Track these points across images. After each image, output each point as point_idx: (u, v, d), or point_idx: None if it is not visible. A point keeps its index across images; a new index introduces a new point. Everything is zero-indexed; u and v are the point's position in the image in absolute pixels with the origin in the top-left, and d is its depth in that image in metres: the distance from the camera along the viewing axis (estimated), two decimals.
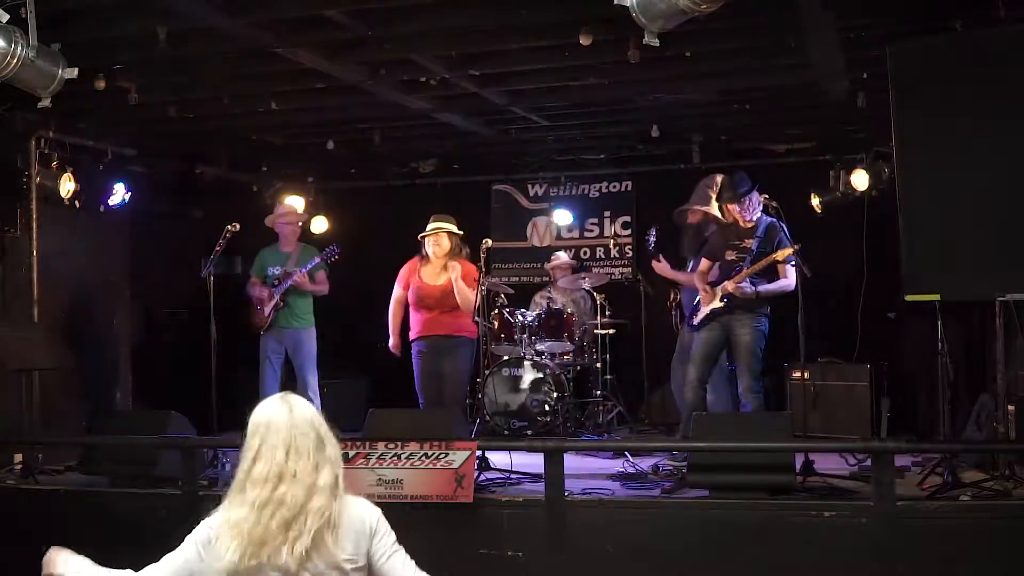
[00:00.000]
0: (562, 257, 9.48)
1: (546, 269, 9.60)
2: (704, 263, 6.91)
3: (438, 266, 7.29)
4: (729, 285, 6.43)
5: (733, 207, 6.66)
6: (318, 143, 8.94)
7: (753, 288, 6.42)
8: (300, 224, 8.36)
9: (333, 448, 2.77)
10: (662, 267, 7.81)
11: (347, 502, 2.78)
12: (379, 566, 2.79)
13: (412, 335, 7.39)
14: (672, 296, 8.27)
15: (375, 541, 2.80)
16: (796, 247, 6.30)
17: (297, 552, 2.65)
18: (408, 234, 7.51)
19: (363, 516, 2.80)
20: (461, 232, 7.40)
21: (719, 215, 7.34)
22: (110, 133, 8.07)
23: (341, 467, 2.78)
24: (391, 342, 7.50)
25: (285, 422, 2.73)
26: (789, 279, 6.44)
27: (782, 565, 5.12)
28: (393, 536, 2.85)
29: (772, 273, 6.50)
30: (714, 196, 7.49)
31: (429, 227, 7.31)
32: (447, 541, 5.51)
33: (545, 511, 5.45)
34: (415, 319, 7.36)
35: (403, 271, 7.48)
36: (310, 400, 7.96)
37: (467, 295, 7.10)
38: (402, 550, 2.86)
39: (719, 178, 7.53)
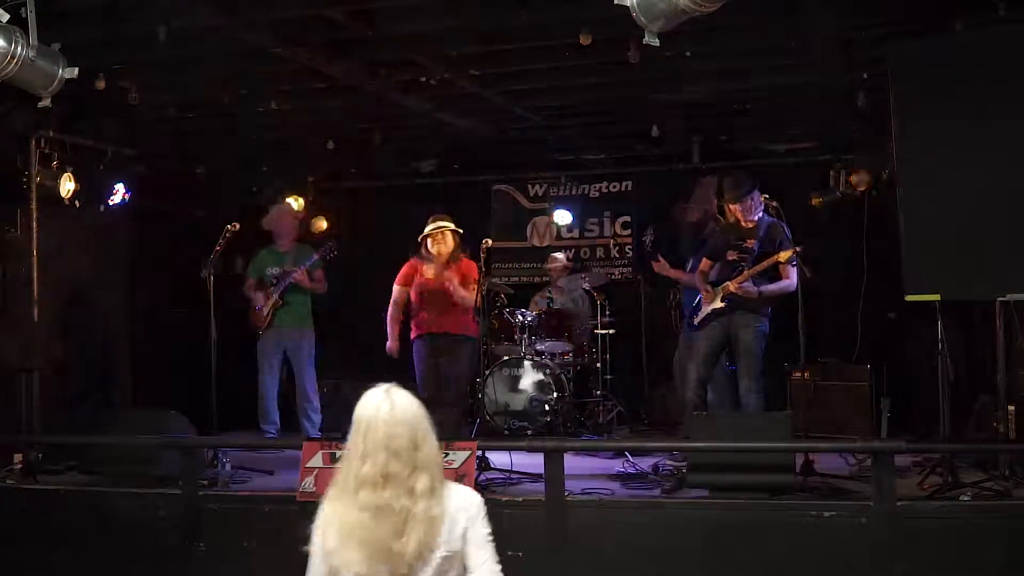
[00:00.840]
0: (559, 258, 9.47)
1: (543, 269, 9.60)
2: (705, 263, 6.90)
3: (438, 264, 7.28)
4: (732, 285, 6.43)
5: (735, 207, 6.65)
6: (318, 143, 8.94)
7: (756, 288, 6.42)
8: (297, 224, 8.36)
9: (429, 449, 2.77)
10: (662, 266, 7.81)
11: (448, 495, 2.81)
12: (466, 557, 2.82)
13: (414, 333, 7.37)
14: (672, 296, 8.27)
15: (468, 532, 2.82)
16: (797, 248, 6.30)
17: (407, 557, 2.68)
18: (408, 234, 7.49)
19: (460, 508, 2.82)
20: (461, 231, 7.40)
21: (720, 215, 7.34)
22: (110, 133, 8.07)
23: (440, 466, 2.80)
24: (389, 344, 7.45)
25: (384, 421, 2.72)
26: (791, 279, 6.44)
27: (782, 565, 5.12)
28: (486, 530, 2.87)
29: (774, 273, 6.50)
30: (714, 195, 7.49)
31: (432, 226, 7.29)
32: None
33: (545, 511, 5.44)
34: (418, 317, 7.35)
35: (404, 270, 7.46)
36: (309, 399, 8.05)
37: (465, 296, 7.12)
38: (491, 547, 2.88)
39: (719, 178, 7.54)
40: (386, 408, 2.73)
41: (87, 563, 5.82)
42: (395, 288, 7.49)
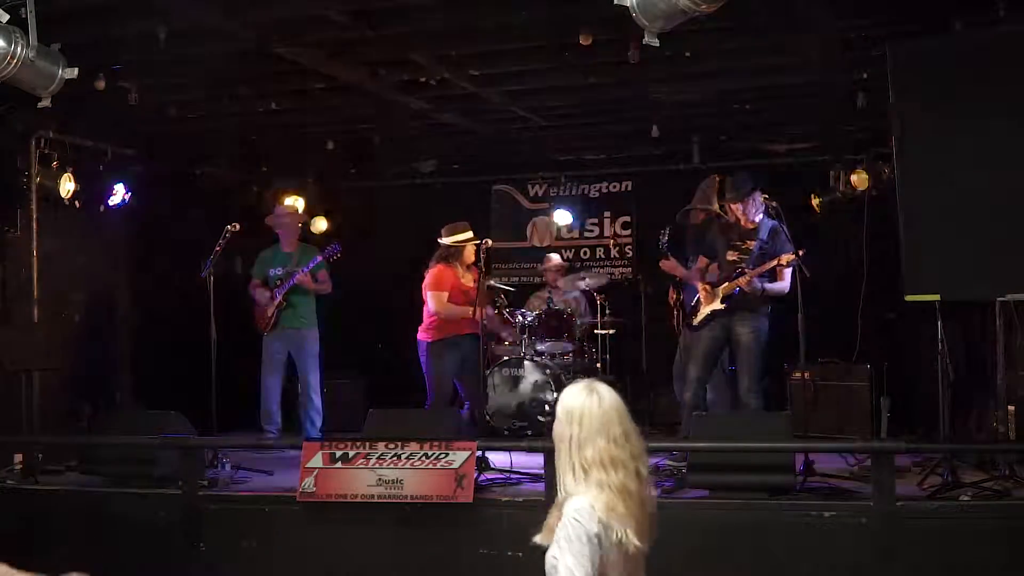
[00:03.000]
0: (554, 259, 9.45)
1: (539, 270, 9.58)
2: (701, 261, 6.91)
3: (466, 269, 7.33)
4: (741, 281, 6.42)
5: (736, 207, 6.65)
6: (318, 143, 8.93)
7: (761, 285, 6.43)
8: (300, 224, 8.36)
9: (638, 437, 2.93)
10: (671, 264, 7.81)
11: None
12: None
13: (440, 335, 7.22)
14: (676, 296, 8.26)
15: None
16: (800, 252, 6.28)
17: (650, 535, 2.90)
18: (408, 234, 7.48)
19: None
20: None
21: (722, 214, 7.34)
22: (110, 133, 8.07)
23: (646, 454, 2.95)
24: (477, 313, 7.16)
25: (597, 410, 2.88)
26: (785, 282, 6.47)
27: (782, 565, 5.12)
28: None
29: (771, 275, 6.51)
30: (715, 195, 7.49)
31: (466, 235, 7.22)
32: (447, 541, 5.52)
33: (545, 511, 5.43)
34: (451, 321, 7.24)
35: (443, 277, 7.31)
36: (310, 399, 8.04)
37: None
38: None
39: (720, 178, 7.54)
40: (595, 400, 2.90)
41: (87, 563, 5.81)
42: (444, 294, 7.29)
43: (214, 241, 7.19)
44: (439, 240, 7.42)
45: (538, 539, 2.94)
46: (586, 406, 2.89)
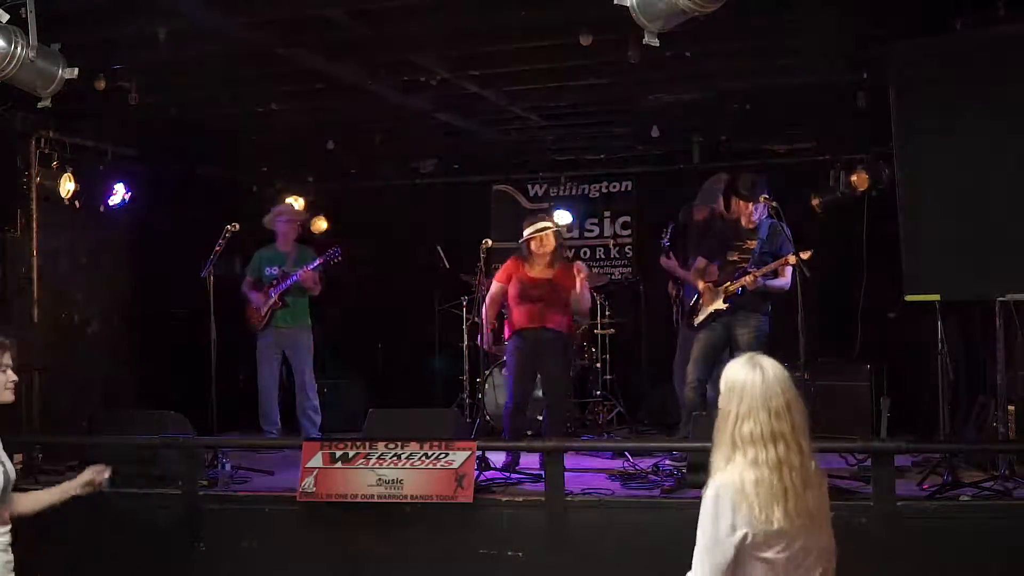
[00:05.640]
0: None
1: None
2: (700, 262, 6.91)
3: (542, 263, 7.01)
4: (746, 280, 6.43)
5: (747, 205, 6.64)
6: (318, 143, 8.94)
7: (762, 282, 6.45)
8: (298, 224, 8.35)
9: (801, 409, 2.82)
10: (671, 264, 7.80)
11: None
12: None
13: (510, 330, 7.02)
14: (676, 292, 8.27)
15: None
16: (809, 252, 6.28)
17: (818, 513, 2.80)
18: (408, 234, 7.48)
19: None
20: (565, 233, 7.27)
21: (725, 212, 7.35)
22: (110, 133, 8.07)
23: (808, 428, 2.84)
24: (487, 340, 7.15)
25: (760, 383, 2.79)
26: (786, 279, 6.48)
27: None
28: None
29: (772, 272, 6.53)
30: (721, 194, 7.49)
31: (533, 228, 7.03)
32: (447, 541, 5.52)
33: (545, 511, 5.45)
34: (516, 314, 6.99)
35: (505, 268, 7.13)
36: (309, 400, 8.03)
37: (587, 296, 7.15)
38: None
39: (726, 176, 7.55)
40: (758, 374, 2.81)
41: (87, 563, 5.82)
42: (494, 284, 7.14)
43: (214, 241, 7.19)
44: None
45: None
46: (748, 380, 2.80)
